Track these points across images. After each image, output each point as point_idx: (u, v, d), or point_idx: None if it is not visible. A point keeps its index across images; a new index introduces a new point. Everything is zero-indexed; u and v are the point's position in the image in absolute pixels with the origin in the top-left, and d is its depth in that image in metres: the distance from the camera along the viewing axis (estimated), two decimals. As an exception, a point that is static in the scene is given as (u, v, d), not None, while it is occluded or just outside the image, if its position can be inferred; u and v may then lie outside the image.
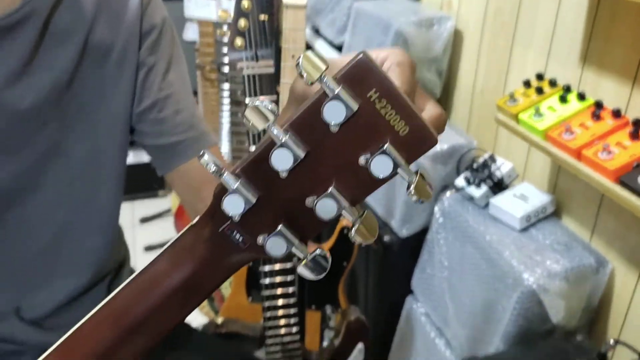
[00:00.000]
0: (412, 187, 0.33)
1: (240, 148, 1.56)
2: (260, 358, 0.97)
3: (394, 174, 0.33)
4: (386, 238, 1.45)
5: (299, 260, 0.35)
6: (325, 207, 0.34)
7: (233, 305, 1.15)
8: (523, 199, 1.24)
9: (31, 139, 0.61)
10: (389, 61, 0.38)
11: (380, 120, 0.32)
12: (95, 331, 0.37)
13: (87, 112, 0.65)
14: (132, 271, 0.83)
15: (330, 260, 0.36)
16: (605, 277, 1.12)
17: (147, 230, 2.43)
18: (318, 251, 0.35)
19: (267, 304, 1.02)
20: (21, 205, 0.63)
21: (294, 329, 1.02)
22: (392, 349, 1.60)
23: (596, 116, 0.99)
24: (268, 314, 1.02)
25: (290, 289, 1.02)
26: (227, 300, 1.11)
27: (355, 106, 0.32)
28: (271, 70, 0.87)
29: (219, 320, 1.01)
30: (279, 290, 1.01)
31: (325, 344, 1.32)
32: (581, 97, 1.04)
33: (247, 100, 0.91)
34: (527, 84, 1.15)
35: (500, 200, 1.25)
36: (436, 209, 1.38)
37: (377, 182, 0.34)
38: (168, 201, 2.58)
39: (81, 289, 0.72)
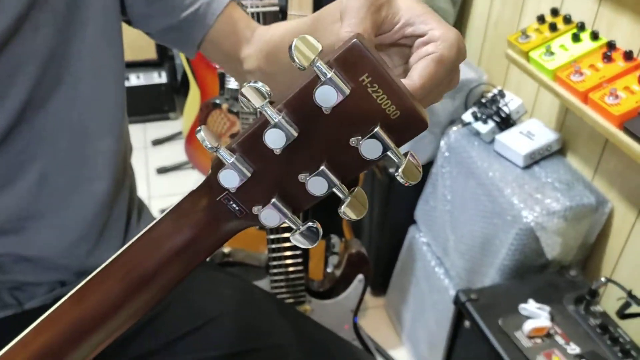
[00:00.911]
0: (400, 169, 0.35)
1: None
2: (263, 288, 1.03)
3: (383, 155, 0.34)
4: (391, 169, 1.47)
5: (293, 230, 0.38)
6: (316, 184, 0.35)
7: (240, 234, 1.19)
8: (529, 136, 1.24)
9: (31, 48, 0.61)
10: (433, 47, 0.38)
11: (372, 104, 0.33)
12: (106, 283, 0.40)
13: (76, 9, 0.64)
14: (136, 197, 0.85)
15: (321, 231, 0.38)
16: (604, 216, 1.15)
17: (159, 153, 2.47)
18: (310, 223, 0.37)
19: (271, 235, 1.06)
20: (36, 114, 0.64)
21: (298, 260, 1.07)
22: (393, 275, 1.67)
23: (607, 57, 0.97)
24: (273, 244, 1.06)
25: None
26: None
27: (347, 90, 0.32)
28: (276, 8, 0.86)
29: (226, 249, 1.06)
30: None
31: (329, 270, 1.38)
32: (594, 36, 1.02)
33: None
34: (541, 19, 1.12)
35: (505, 137, 1.25)
36: (442, 143, 1.39)
37: (368, 163, 0.35)
38: (179, 124, 2.60)
39: (106, 196, 0.73)
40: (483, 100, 1.34)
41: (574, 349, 0.98)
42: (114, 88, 0.71)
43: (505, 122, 1.29)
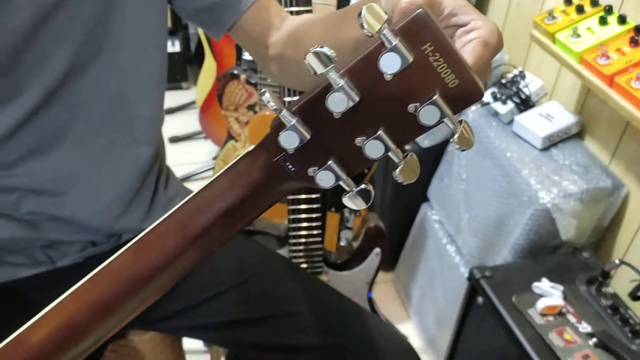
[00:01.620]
0: (455, 136, 0.36)
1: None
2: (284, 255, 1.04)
3: (440, 122, 0.35)
4: (407, 147, 1.48)
5: (345, 192, 0.39)
6: (373, 148, 0.37)
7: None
8: (548, 119, 1.25)
9: (77, 15, 0.62)
10: (477, 33, 0.40)
11: (432, 72, 0.34)
12: (162, 238, 0.42)
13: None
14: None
15: (373, 193, 0.39)
16: (619, 200, 1.16)
17: (171, 122, 2.47)
18: (364, 185, 0.38)
19: (291, 206, 1.07)
20: (76, 81, 0.65)
21: (316, 231, 1.08)
22: (403, 251, 1.69)
23: (634, 42, 0.97)
24: (292, 215, 1.08)
25: (314, 194, 1.07)
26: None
27: (410, 58, 0.33)
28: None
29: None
30: (303, 194, 1.07)
31: (342, 243, 1.40)
32: (622, 20, 1.02)
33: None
34: (568, 1, 1.11)
35: (524, 118, 1.26)
36: (460, 122, 1.40)
37: (423, 129, 0.36)
38: (192, 93, 2.60)
39: (140, 161, 0.75)
40: (503, 81, 1.34)
41: (585, 327, 1.00)
42: (155, 56, 0.72)
43: (525, 104, 1.30)
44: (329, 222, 1.31)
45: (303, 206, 1.07)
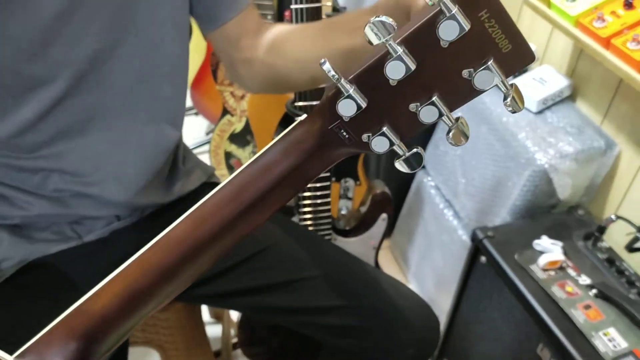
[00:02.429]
0: (508, 99, 0.38)
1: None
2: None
3: (493, 86, 0.38)
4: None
5: (398, 156, 0.41)
6: (427, 113, 0.39)
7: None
8: (541, 82, 1.28)
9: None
10: None
11: (488, 38, 0.36)
12: (219, 206, 0.44)
13: None
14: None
15: (424, 156, 0.42)
16: (611, 159, 1.21)
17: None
18: (415, 149, 0.41)
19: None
20: (105, 63, 0.66)
21: (326, 200, 1.11)
22: (399, 218, 1.73)
23: (628, 4, 1.00)
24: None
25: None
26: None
27: (467, 25, 0.35)
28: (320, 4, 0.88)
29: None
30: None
31: (343, 212, 1.43)
32: (616, -17, 1.05)
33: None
34: (561, -35, 1.14)
35: (519, 83, 1.29)
36: (454, 89, 1.43)
37: (476, 93, 0.39)
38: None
39: (163, 139, 0.77)
40: (497, 47, 1.37)
41: (585, 280, 1.05)
42: (176, 39, 0.73)
43: (519, 69, 1.33)
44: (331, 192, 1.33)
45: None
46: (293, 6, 0.93)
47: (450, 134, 0.40)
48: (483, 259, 1.16)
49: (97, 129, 0.70)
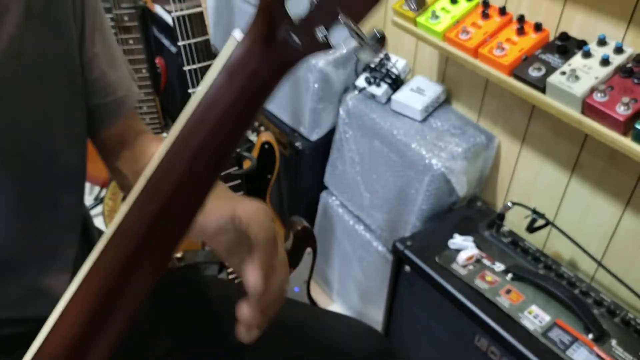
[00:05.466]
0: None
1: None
2: (223, 278, 1.05)
3: None
4: (297, 144, 1.54)
5: (359, 46, 0.40)
6: None
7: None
8: (419, 92, 1.38)
9: None
10: (253, 234, 0.48)
11: None
12: (171, 161, 0.40)
13: (39, 76, 0.63)
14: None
15: (385, 37, 0.42)
16: (493, 150, 1.33)
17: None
18: (374, 31, 0.41)
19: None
20: None
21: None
22: (312, 240, 1.76)
23: (485, 15, 1.11)
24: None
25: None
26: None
27: None
28: (200, 9, 0.86)
29: (179, 254, 1.06)
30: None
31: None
32: (468, -4, 1.16)
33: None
34: (417, -14, 1.23)
35: (400, 96, 1.37)
36: (341, 110, 1.48)
37: None
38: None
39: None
40: (372, 65, 1.45)
41: (499, 266, 1.15)
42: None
43: (396, 82, 1.42)
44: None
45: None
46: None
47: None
48: (407, 268, 1.22)
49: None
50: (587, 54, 0.96)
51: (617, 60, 0.94)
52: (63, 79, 0.65)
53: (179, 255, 1.05)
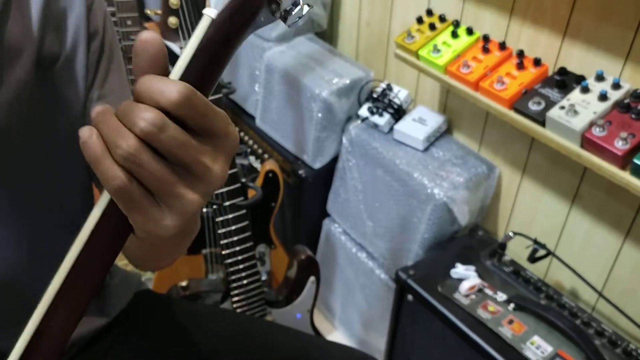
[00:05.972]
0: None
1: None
2: (227, 308, 1.06)
3: None
4: (301, 172, 1.56)
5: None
6: None
7: (182, 264, 1.20)
8: (421, 122, 1.40)
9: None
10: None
11: None
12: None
13: (46, 122, 0.64)
14: None
15: None
16: (494, 180, 1.35)
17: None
18: None
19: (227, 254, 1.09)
20: None
21: (255, 272, 1.11)
22: (314, 267, 1.76)
23: (485, 49, 1.14)
24: (230, 260, 1.09)
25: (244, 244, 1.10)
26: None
27: None
28: None
29: (184, 283, 1.07)
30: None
31: (263, 278, 1.43)
32: (469, 31, 1.19)
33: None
34: (419, 20, 1.27)
35: (402, 126, 1.40)
36: (344, 139, 1.51)
37: None
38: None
39: None
40: (375, 95, 1.48)
41: (501, 296, 1.16)
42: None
43: (398, 112, 1.44)
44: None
45: (240, 257, 1.10)
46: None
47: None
48: (410, 297, 1.22)
49: None
50: (586, 89, 0.98)
51: (615, 95, 0.96)
52: (68, 127, 0.66)
53: (183, 283, 1.06)
